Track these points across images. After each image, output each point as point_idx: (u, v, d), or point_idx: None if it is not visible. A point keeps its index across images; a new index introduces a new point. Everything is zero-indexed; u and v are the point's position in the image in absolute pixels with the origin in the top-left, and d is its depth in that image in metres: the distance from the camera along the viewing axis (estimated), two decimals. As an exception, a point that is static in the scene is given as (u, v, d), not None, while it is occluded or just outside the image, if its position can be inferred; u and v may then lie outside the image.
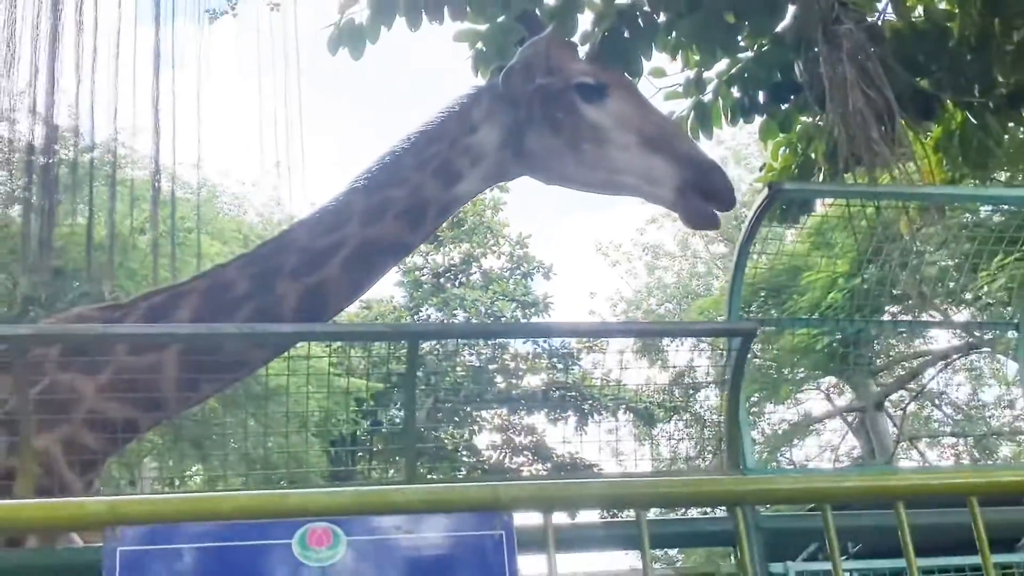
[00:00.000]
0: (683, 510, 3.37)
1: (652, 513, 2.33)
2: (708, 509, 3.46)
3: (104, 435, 3.99)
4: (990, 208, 14.67)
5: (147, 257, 17.94)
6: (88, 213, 17.16)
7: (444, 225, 32.48)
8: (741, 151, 35.07)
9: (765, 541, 3.48)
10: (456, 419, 29.32)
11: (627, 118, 4.11)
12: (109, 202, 15.72)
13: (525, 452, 30.13)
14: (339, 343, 5.36)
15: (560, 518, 2.36)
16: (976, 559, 2.28)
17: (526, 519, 2.20)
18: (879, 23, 7.68)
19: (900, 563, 2.26)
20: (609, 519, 8.43)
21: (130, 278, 18.68)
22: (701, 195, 4.05)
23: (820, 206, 9.29)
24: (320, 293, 4.07)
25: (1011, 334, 6.52)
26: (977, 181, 9.93)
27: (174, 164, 16.20)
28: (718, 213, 4.12)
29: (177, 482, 20.79)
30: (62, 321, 4.30)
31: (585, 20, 7.62)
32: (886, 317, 15.88)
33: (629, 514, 2.36)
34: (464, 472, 28.95)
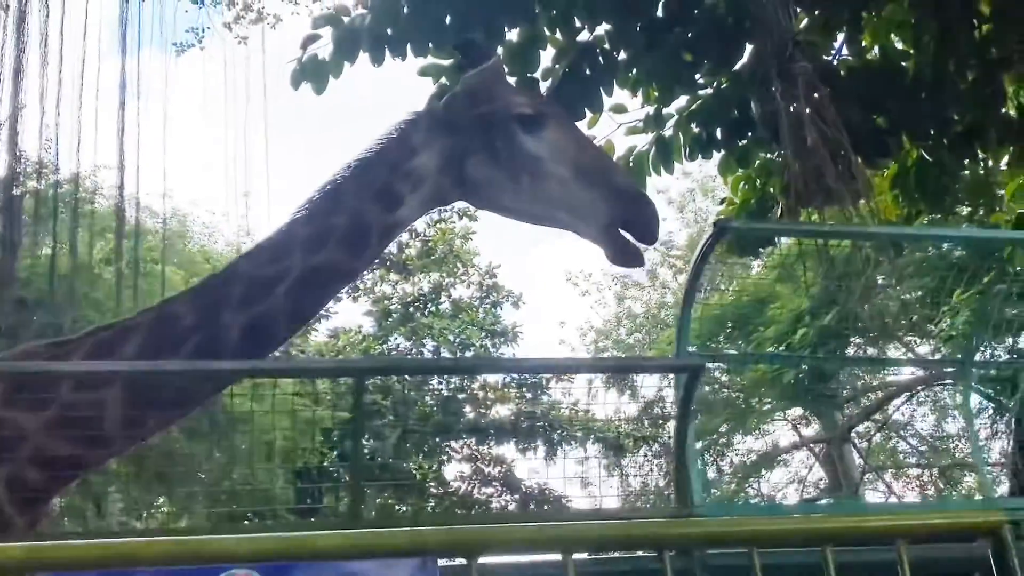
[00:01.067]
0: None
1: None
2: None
3: (49, 473, 3.94)
4: (950, 244, 14.86)
5: (113, 288, 17.82)
6: (52, 244, 17.04)
7: (413, 254, 32.46)
8: (708, 183, 35.34)
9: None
10: (425, 450, 29.19)
11: (564, 150, 4.10)
12: (71, 233, 15.61)
13: (494, 483, 30.02)
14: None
15: (492, 558, 2.37)
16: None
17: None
18: (834, 62, 7.81)
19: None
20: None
21: (95, 309, 18.53)
22: (627, 228, 4.06)
23: (782, 240, 9.39)
24: (266, 322, 4.03)
25: (957, 368, 6.58)
26: (935, 217, 10.07)
27: (138, 195, 16.13)
28: (641, 249, 4.15)
29: (144, 514, 20.59)
30: (9, 357, 4.25)
31: (546, 57, 7.72)
32: (851, 351, 16.03)
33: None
34: (433, 504, 28.80)
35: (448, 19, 7.05)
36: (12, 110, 14.68)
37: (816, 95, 6.60)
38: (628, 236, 4.06)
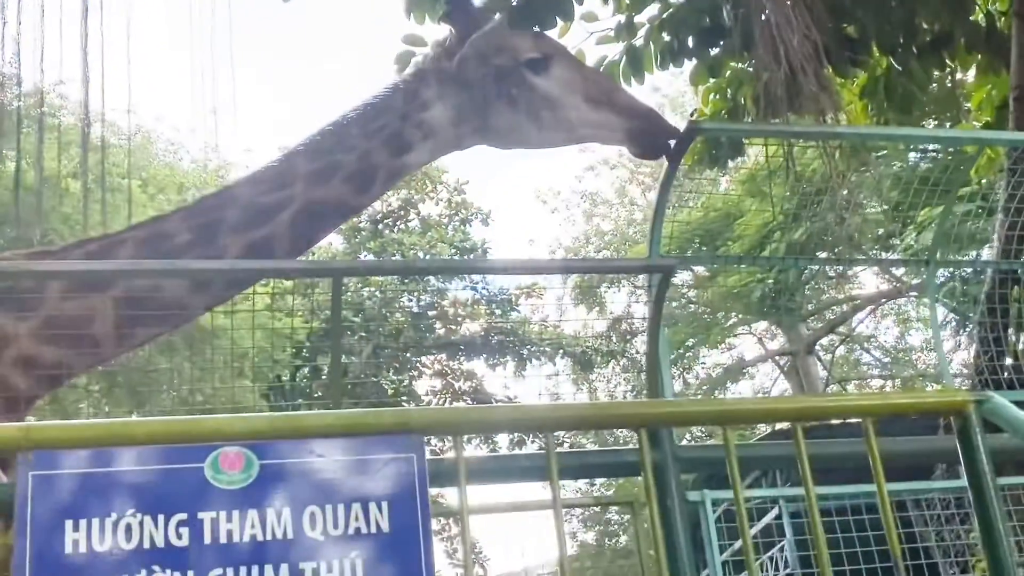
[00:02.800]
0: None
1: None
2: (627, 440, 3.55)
3: (35, 377, 4.00)
4: (918, 156, 14.97)
5: (80, 202, 17.61)
6: (16, 158, 16.77)
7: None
8: (678, 99, 35.17)
9: (685, 470, 3.59)
10: (396, 365, 29.38)
11: (572, 82, 4.49)
12: (37, 148, 15.37)
13: (465, 397, 30.33)
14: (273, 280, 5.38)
15: (475, 451, 2.43)
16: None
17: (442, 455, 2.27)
18: (805, -32, 7.76)
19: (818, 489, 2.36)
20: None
21: (63, 223, 18.37)
22: (643, 136, 4.55)
23: (751, 154, 9.44)
24: (265, 248, 4.17)
25: (923, 271, 6.70)
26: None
27: (103, 110, 15.86)
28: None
29: (114, 430, 20.59)
30: None
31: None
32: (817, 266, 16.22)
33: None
34: (404, 418, 29.07)
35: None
36: (-28, 21, 14.34)
37: (788, 2, 6.58)
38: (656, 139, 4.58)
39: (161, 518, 1.94)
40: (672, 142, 4.60)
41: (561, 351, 29.03)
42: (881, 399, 2.79)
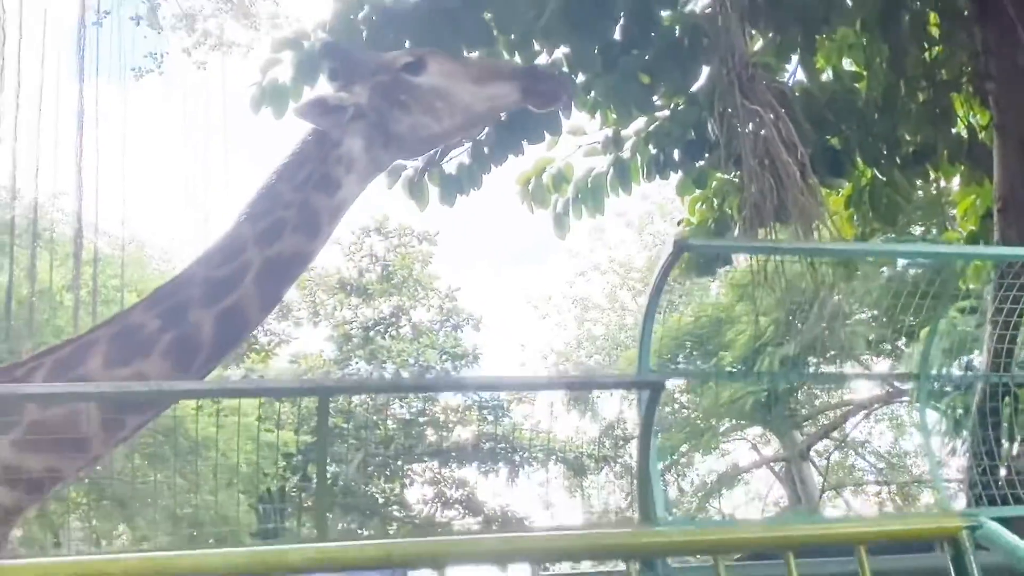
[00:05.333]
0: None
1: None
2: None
3: (19, 490, 3.95)
4: (906, 263, 15.07)
5: (72, 315, 17.63)
6: (9, 271, 16.84)
7: (374, 279, 32.31)
8: (666, 205, 35.58)
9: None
10: (387, 473, 29.06)
11: (452, 70, 4.71)
12: (30, 260, 15.48)
13: (456, 505, 29.93)
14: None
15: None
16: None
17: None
18: (788, 83, 7.93)
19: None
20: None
21: (56, 335, 18.34)
22: (540, 83, 4.76)
23: (739, 260, 9.49)
24: (237, 312, 4.23)
25: (911, 385, 6.67)
26: (889, 236, 10.23)
27: (96, 221, 16.04)
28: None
29: (104, 542, 20.29)
30: None
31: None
32: (809, 370, 16.20)
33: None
34: (395, 527, 28.64)
35: (407, 43, 7.09)
36: (-31, 137, 14.54)
37: (773, 116, 6.71)
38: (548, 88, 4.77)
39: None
40: (563, 88, 4.86)
41: (554, 457, 28.77)
42: (873, 526, 2.75)
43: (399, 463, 29.21)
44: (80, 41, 17.47)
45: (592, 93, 7.84)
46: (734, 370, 15.33)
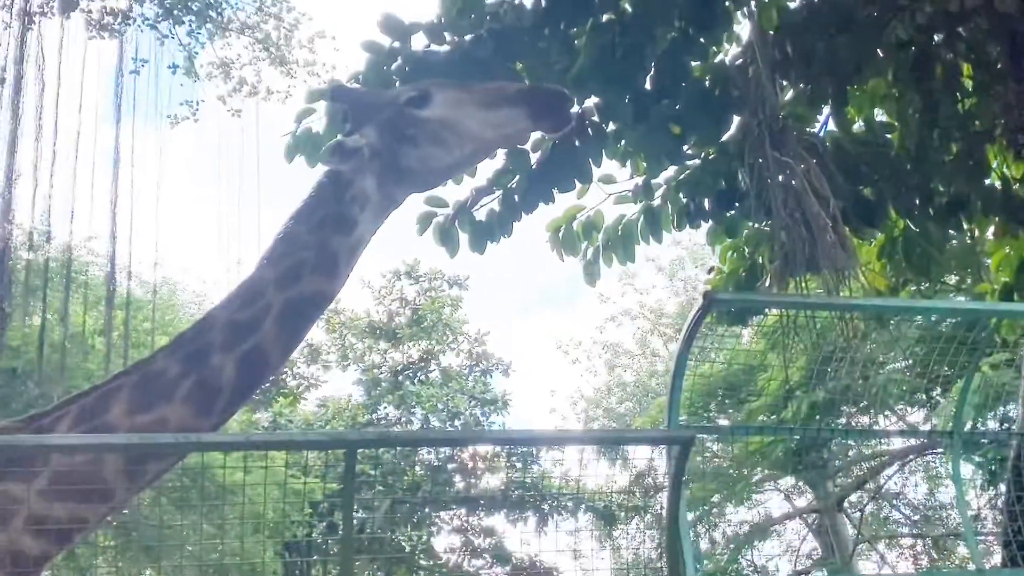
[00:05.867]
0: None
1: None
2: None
3: (46, 539, 3.96)
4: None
5: (104, 358, 17.75)
6: (42, 314, 17.01)
7: (403, 323, 32.36)
8: (697, 250, 35.53)
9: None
10: (414, 520, 28.91)
11: (457, 99, 4.67)
12: (63, 303, 15.66)
13: (484, 555, 29.68)
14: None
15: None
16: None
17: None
18: (820, 134, 7.92)
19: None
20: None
21: (87, 379, 18.47)
22: (544, 112, 4.71)
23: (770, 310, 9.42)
24: (258, 355, 4.26)
25: (946, 440, 6.59)
26: (922, 287, 10.14)
27: (130, 265, 16.23)
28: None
29: (131, 587, 20.27)
30: None
31: (536, 128, 7.82)
32: (842, 420, 16.01)
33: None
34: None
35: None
36: (6, 181, 14.78)
37: (804, 167, 6.69)
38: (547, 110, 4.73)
39: None
40: (569, 108, 4.86)
41: (583, 506, 28.52)
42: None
43: (426, 510, 29.07)
44: (118, 88, 17.78)
45: (623, 142, 7.86)
46: (765, 424, 15.16)
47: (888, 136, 8.24)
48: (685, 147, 7.87)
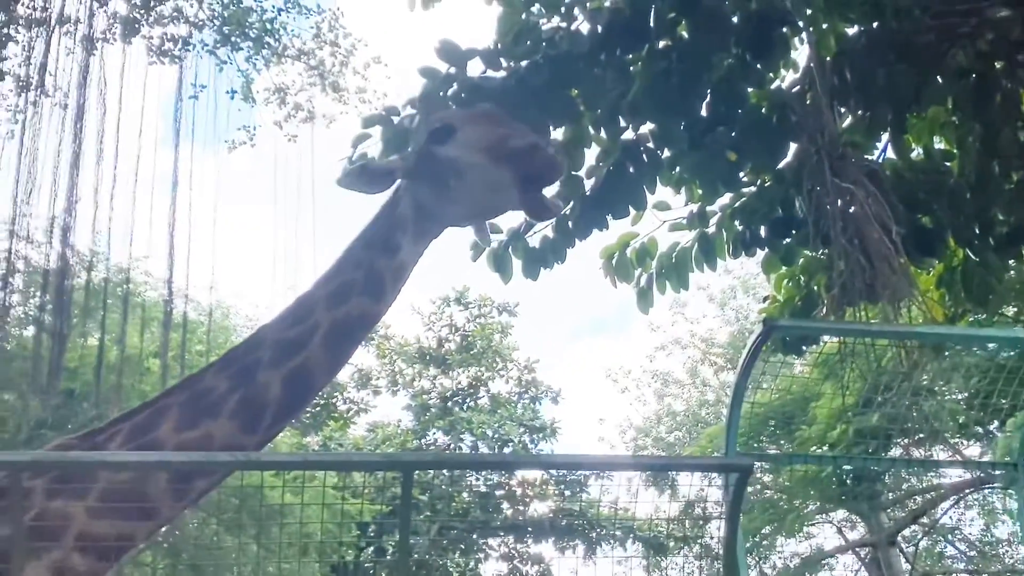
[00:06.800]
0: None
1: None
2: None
3: (95, 557, 3.99)
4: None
5: (159, 380, 17.98)
6: (101, 335, 17.28)
7: (453, 349, 32.46)
8: (749, 280, 35.29)
9: None
10: (461, 547, 28.85)
11: (473, 140, 4.28)
12: (121, 325, 15.91)
13: (532, 582, 29.53)
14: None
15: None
16: None
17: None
18: (879, 162, 7.84)
19: None
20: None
21: (143, 401, 18.67)
22: (533, 183, 4.23)
23: (825, 338, 9.32)
24: (304, 374, 4.27)
25: (1010, 473, 6.46)
26: (980, 317, 9.97)
27: (187, 288, 16.46)
28: (553, 204, 4.40)
29: (180, 608, 20.42)
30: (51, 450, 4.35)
31: (591, 155, 7.83)
32: (895, 451, 15.76)
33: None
34: (469, 602, 28.36)
35: (494, 120, 7.15)
36: (68, 203, 15.08)
37: (864, 193, 6.63)
38: (542, 194, 4.28)
39: None
40: (556, 207, 4.42)
41: (632, 535, 28.30)
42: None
43: (474, 537, 28.99)
44: (177, 113, 18.12)
45: (677, 168, 7.83)
46: (821, 454, 14.97)
47: (947, 164, 8.14)
48: (741, 174, 7.82)
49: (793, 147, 7.61)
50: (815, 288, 8.41)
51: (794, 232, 7.96)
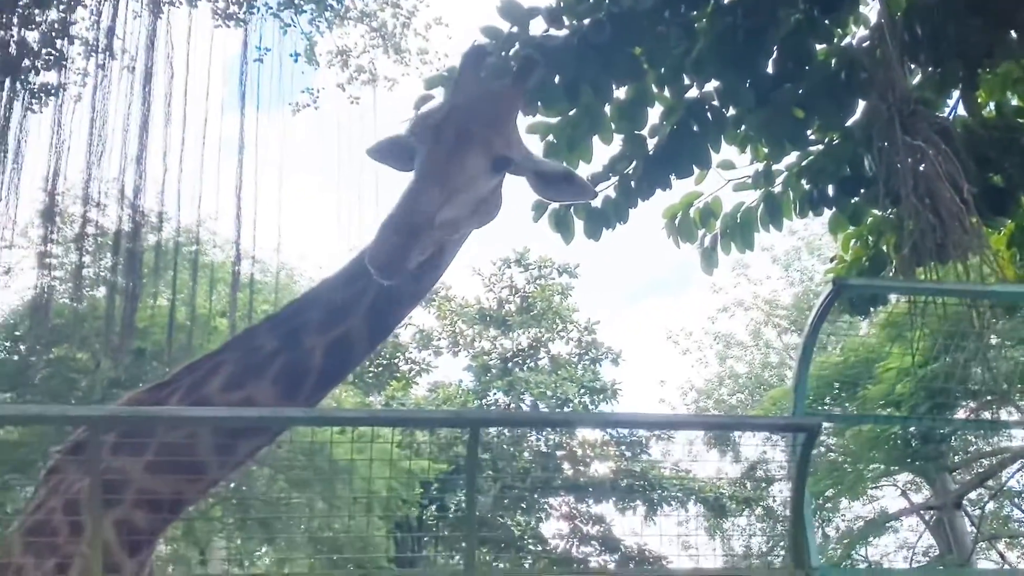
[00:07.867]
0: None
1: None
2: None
3: (153, 513, 4.11)
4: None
5: (227, 338, 18.30)
6: (171, 295, 17.63)
7: (513, 310, 32.51)
8: (814, 241, 34.85)
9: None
10: (522, 506, 29.08)
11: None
12: (190, 286, 16.20)
13: (592, 542, 29.69)
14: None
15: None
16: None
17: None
18: (950, 119, 7.68)
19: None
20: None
21: (211, 360, 19.03)
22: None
23: (892, 299, 9.19)
24: (345, 343, 4.33)
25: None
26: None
27: (253, 249, 16.68)
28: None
29: (246, 562, 20.93)
30: (118, 405, 4.47)
31: (654, 114, 7.76)
32: (961, 412, 15.54)
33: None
34: (530, 561, 28.60)
35: (556, 79, 7.14)
36: (137, 166, 15.34)
37: (935, 151, 6.50)
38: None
39: None
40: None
41: (693, 497, 28.30)
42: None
43: (535, 496, 29.20)
44: (242, 76, 18.27)
45: (743, 127, 7.73)
46: (888, 415, 14.77)
47: (1020, 121, 7.95)
48: (808, 132, 7.70)
49: (862, 104, 7.47)
50: (883, 248, 8.29)
51: (862, 191, 7.85)
